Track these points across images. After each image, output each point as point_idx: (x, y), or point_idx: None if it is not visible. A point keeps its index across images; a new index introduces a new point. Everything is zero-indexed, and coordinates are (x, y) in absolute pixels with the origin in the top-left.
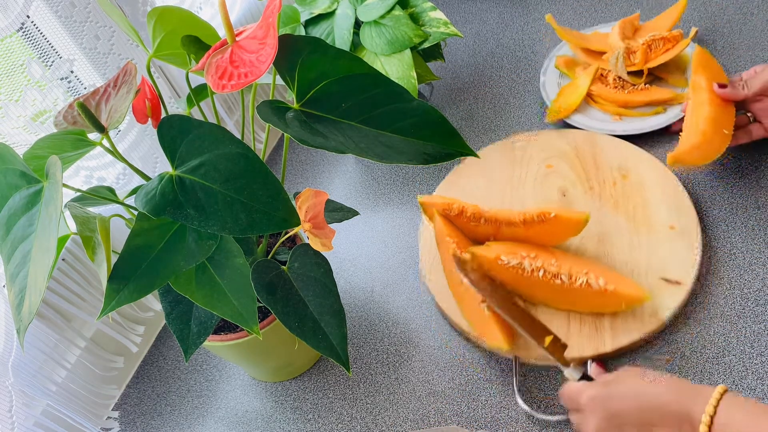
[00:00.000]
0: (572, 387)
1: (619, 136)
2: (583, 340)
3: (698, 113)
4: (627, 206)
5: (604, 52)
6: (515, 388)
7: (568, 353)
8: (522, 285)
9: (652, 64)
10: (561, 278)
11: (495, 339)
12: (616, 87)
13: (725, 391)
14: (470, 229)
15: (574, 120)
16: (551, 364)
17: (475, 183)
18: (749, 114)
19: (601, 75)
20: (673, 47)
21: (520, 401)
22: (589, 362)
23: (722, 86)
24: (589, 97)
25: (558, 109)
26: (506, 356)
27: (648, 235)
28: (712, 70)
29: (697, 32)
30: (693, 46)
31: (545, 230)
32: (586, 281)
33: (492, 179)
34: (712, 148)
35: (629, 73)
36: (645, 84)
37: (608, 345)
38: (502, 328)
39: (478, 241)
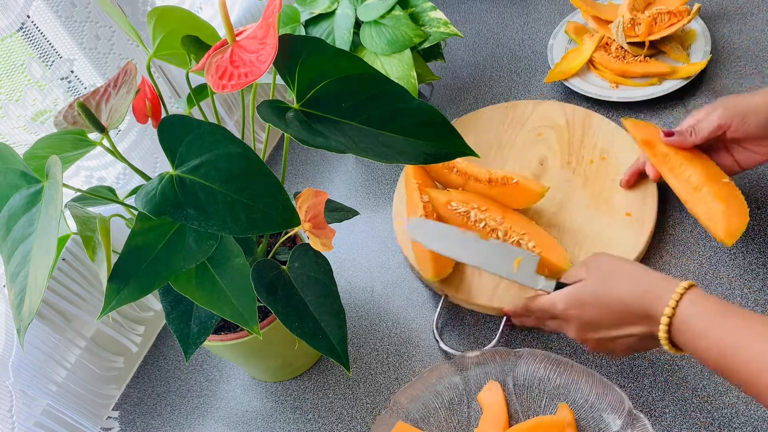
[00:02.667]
0: (545, 299)
1: (612, 103)
2: (512, 295)
3: (682, 179)
4: (594, 185)
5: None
6: (435, 324)
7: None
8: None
9: (653, 37)
10: (497, 234)
11: (427, 271)
12: (617, 56)
13: (690, 286)
14: (443, 175)
15: (573, 83)
16: (476, 309)
17: (465, 139)
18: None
19: (606, 44)
20: (678, 22)
21: (437, 336)
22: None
23: (669, 134)
24: (591, 64)
25: (559, 71)
26: (439, 293)
27: (604, 215)
28: (649, 132)
29: (700, 8)
30: (699, 22)
31: (506, 193)
32: (517, 241)
33: (480, 139)
34: (737, 199)
35: (632, 44)
36: (646, 56)
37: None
38: (434, 263)
39: (449, 188)
